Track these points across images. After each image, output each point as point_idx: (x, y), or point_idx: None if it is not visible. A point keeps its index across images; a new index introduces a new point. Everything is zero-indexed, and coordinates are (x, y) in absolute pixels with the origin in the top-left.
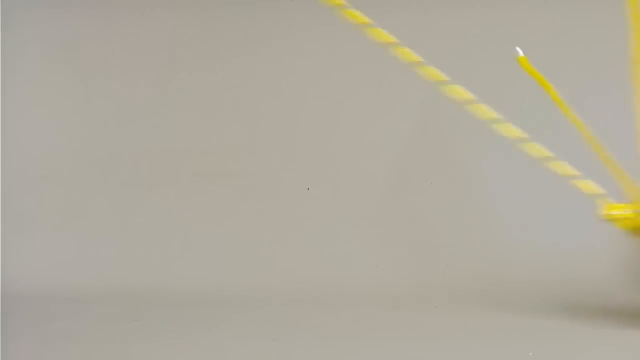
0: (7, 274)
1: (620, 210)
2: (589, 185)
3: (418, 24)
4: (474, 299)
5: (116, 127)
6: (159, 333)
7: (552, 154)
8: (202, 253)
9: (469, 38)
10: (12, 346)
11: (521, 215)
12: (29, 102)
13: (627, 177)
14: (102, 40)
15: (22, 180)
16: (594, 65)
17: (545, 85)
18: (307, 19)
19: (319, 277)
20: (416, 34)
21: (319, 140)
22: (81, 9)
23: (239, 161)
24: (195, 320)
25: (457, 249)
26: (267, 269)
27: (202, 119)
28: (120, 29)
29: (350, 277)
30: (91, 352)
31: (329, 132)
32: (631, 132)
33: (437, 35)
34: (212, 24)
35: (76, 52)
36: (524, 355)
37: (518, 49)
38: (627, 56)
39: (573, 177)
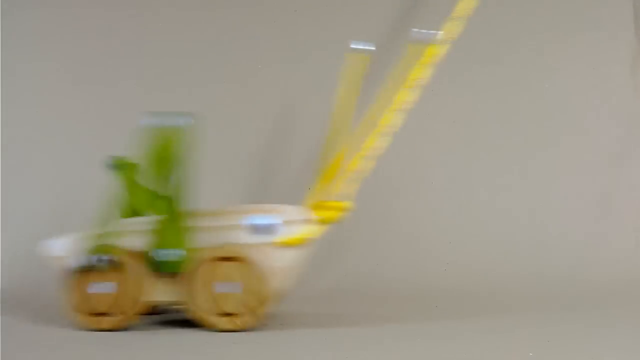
0: (7, 274)
1: None
2: None
3: None
4: (473, 299)
5: (117, 127)
6: (158, 333)
7: None
8: None
9: None
10: (12, 346)
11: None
12: (28, 101)
13: None
14: (102, 40)
15: (23, 180)
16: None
17: None
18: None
19: (324, 275)
20: None
21: (319, 140)
22: (82, 8)
23: (240, 162)
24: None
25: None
26: None
27: (203, 118)
28: (121, 29)
29: (353, 275)
30: (91, 352)
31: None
32: None
33: None
34: (213, 24)
35: (76, 50)
36: (524, 355)
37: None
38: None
39: None
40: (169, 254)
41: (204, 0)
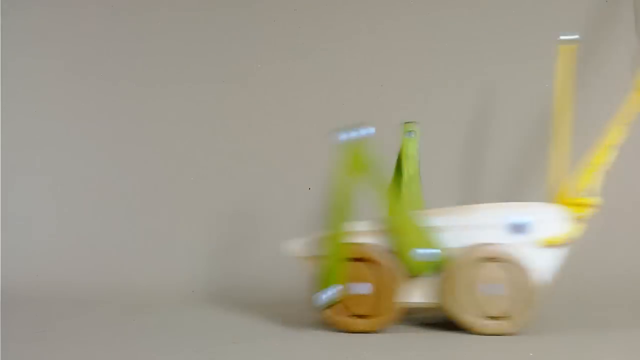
0: (7, 274)
1: None
2: None
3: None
4: None
5: (118, 127)
6: (158, 333)
7: None
8: (201, 255)
9: None
10: (12, 346)
11: None
12: (28, 100)
13: None
14: (103, 41)
15: (23, 180)
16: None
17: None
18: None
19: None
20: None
21: (323, 142)
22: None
23: (242, 163)
24: (193, 321)
25: None
26: (266, 271)
27: (202, 118)
28: (122, 30)
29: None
30: (90, 352)
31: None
32: None
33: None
34: (214, 24)
35: (77, 51)
36: (524, 355)
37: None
38: None
39: None
40: (427, 254)
41: None
